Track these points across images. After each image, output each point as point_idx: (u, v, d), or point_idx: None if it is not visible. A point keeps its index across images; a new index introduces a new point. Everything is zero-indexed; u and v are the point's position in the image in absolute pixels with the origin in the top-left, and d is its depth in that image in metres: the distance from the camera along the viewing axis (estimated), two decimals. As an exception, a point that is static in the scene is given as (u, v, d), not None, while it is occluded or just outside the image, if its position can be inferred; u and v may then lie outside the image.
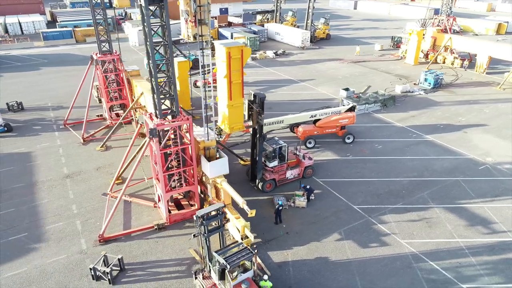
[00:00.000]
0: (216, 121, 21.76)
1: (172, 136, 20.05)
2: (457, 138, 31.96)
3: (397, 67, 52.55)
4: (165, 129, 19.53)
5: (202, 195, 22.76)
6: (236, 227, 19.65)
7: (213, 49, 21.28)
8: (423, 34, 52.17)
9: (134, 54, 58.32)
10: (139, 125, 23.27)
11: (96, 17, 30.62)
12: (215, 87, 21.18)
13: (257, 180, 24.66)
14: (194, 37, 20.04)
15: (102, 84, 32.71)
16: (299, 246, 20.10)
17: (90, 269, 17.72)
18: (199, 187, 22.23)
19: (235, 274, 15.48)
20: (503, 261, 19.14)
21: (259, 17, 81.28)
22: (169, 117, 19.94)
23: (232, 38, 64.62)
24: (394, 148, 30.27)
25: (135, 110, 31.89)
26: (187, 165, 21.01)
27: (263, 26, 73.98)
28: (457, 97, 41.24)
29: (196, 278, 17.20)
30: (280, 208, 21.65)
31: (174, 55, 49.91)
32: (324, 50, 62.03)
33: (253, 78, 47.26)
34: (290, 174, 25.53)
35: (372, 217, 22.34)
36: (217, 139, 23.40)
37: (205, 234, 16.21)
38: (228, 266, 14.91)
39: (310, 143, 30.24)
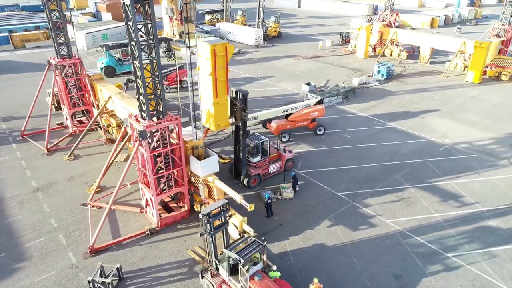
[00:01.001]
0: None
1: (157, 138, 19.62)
2: (416, 123, 34.47)
3: (350, 61, 55.21)
4: (153, 130, 19.07)
5: (188, 196, 22.47)
6: (233, 224, 19.76)
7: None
8: (371, 29, 55.27)
9: (83, 59, 55.29)
10: (122, 129, 22.36)
11: (53, 19, 28.84)
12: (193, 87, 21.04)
13: (242, 177, 24.83)
14: (180, 35, 19.67)
15: (63, 91, 30.86)
16: (295, 236, 20.66)
17: (89, 281, 16.84)
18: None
19: (246, 267, 15.62)
20: (477, 229, 21.16)
21: (208, 17, 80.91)
22: (154, 118, 19.46)
23: (185, 38, 63.80)
24: (362, 136, 31.95)
25: (101, 116, 30.54)
26: (177, 166, 20.68)
27: (214, 25, 73.78)
28: (408, 86, 44.35)
29: (203, 277, 17.09)
30: (269, 201, 22.04)
31: (129, 57, 48.46)
32: (278, 48, 63.35)
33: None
34: (272, 168, 26.02)
35: (356, 202, 23.52)
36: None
37: (211, 232, 16.18)
38: (242, 260, 15.04)
39: (284, 137, 30.96)
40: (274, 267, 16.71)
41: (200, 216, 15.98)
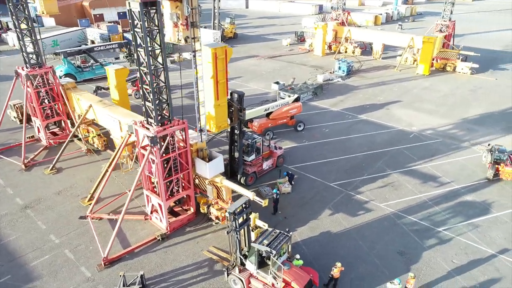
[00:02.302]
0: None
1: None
2: (383, 114, 37.27)
3: (309, 59, 57.61)
4: (163, 135, 19.16)
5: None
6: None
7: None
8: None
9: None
10: (126, 137, 21.97)
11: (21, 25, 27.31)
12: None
13: (238, 176, 25.47)
14: (185, 40, 19.86)
15: (35, 102, 29.29)
16: (302, 227, 21.80)
17: (115, 292, 16.69)
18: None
19: (276, 258, 16.42)
20: (457, 204, 23.79)
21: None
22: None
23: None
24: (339, 129, 33.96)
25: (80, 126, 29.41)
26: (183, 169, 20.88)
27: (168, 28, 72.71)
28: (368, 80, 47.48)
29: (228, 274, 17.62)
30: (278, 196, 22.95)
31: (90, 63, 46.75)
32: (237, 49, 64.11)
33: (188, 79, 46.79)
34: (266, 165, 26.94)
35: (349, 190, 25.24)
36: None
37: (237, 229, 16.80)
38: (274, 252, 15.86)
39: (268, 135, 31.97)
40: (298, 256, 17.71)
41: (227, 214, 16.52)
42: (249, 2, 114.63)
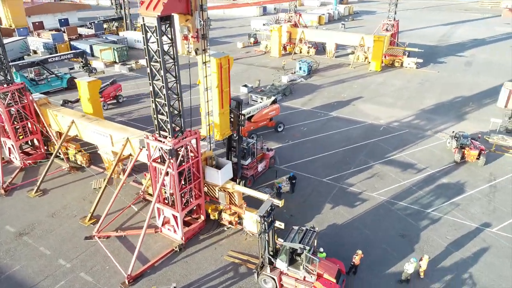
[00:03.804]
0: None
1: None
2: (352, 110, 39.93)
3: (267, 60, 59.25)
4: (178, 147, 19.30)
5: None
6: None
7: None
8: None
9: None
10: (137, 153, 21.53)
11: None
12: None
13: (237, 180, 26.05)
14: (196, 52, 19.95)
15: (7, 121, 27.35)
16: (309, 222, 23.08)
17: (153, 307, 16.65)
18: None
19: (305, 254, 17.48)
20: (437, 187, 26.65)
21: (104, 25, 76.28)
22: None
23: (92, 51, 59.85)
24: (316, 127, 35.86)
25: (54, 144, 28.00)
26: (195, 179, 21.13)
27: (117, 34, 70.28)
28: (328, 79, 50.22)
29: (258, 275, 18.36)
30: (281, 190, 24.33)
31: (44, 76, 44.09)
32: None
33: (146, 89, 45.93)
34: (260, 167, 27.87)
35: (341, 184, 27.07)
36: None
37: (266, 230, 17.63)
38: (307, 247, 16.94)
39: (253, 138, 32.82)
40: (321, 249, 18.97)
41: (259, 217, 17.27)
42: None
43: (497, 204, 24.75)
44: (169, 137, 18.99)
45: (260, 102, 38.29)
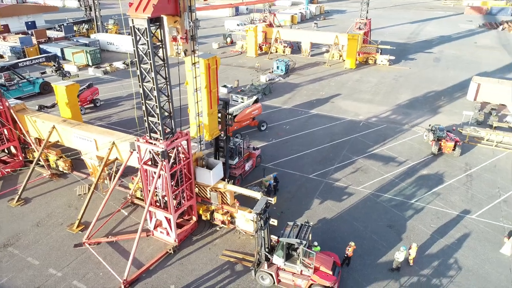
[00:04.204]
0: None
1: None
2: (331, 107, 40.81)
3: (244, 60, 59.48)
4: (171, 148, 19.23)
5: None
6: (253, 220, 21.43)
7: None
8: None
9: None
10: (127, 157, 21.17)
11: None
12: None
13: (226, 179, 26.15)
14: (185, 53, 19.86)
15: (-17, 129, 26.29)
16: (300, 218, 23.51)
17: (153, 310, 16.55)
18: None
19: (301, 248, 17.86)
20: (418, 178, 27.76)
21: (73, 28, 74.22)
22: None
23: (63, 54, 58.10)
24: (298, 125, 36.44)
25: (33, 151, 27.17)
26: (187, 180, 21.10)
27: (88, 37, 68.51)
28: (306, 77, 51.04)
29: (256, 272, 18.60)
30: (271, 189, 24.68)
31: (15, 81, 42.57)
32: (169, 54, 63.17)
33: (129, 90, 45.26)
34: (247, 166, 28.08)
35: (327, 179, 27.71)
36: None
37: (263, 227, 17.90)
38: (304, 242, 17.34)
39: (237, 137, 33.01)
40: (315, 243, 19.41)
41: (255, 215, 17.50)
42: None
43: (474, 192, 26.08)
44: (161, 139, 18.89)
45: (241, 102, 38.51)
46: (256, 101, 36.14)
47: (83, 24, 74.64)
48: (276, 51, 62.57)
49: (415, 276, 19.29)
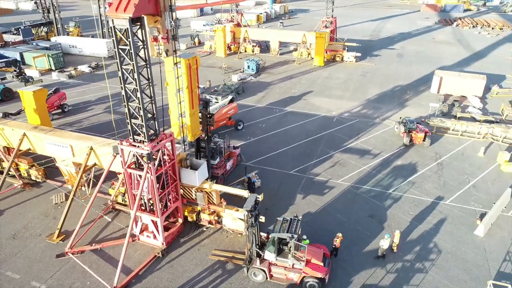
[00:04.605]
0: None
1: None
2: (304, 104, 41.57)
3: (214, 60, 59.24)
4: (155, 150, 18.96)
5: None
6: (240, 219, 21.57)
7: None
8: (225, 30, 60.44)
9: None
10: (111, 160, 20.53)
11: None
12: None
13: (208, 180, 26.08)
14: (166, 53, 19.51)
15: None
16: (285, 213, 23.88)
17: (148, 315, 16.29)
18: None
19: (292, 242, 18.18)
20: (393, 169, 28.91)
21: (32, 31, 70.85)
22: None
23: (22, 58, 55.38)
24: (274, 123, 36.84)
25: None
26: (172, 182, 20.87)
27: (49, 40, 65.69)
28: (277, 76, 51.62)
29: (248, 270, 18.74)
30: (254, 186, 24.96)
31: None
32: (136, 56, 61.75)
33: (98, 94, 43.91)
34: (228, 165, 28.11)
35: (307, 174, 28.27)
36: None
37: (254, 224, 18.08)
38: (295, 236, 17.67)
39: (215, 137, 32.91)
40: (304, 236, 19.76)
41: (245, 212, 17.63)
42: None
43: (446, 179, 27.53)
44: (145, 141, 18.58)
45: (216, 102, 38.38)
46: (231, 101, 36.20)
47: (42, 27, 71.49)
48: (245, 51, 62.80)
49: (400, 262, 20.17)
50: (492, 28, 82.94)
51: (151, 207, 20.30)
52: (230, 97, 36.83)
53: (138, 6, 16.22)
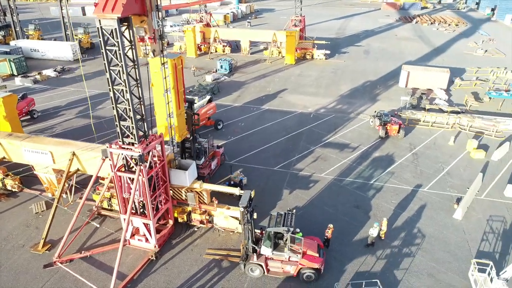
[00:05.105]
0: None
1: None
2: (280, 102, 42.15)
3: (185, 61, 58.48)
4: (146, 152, 18.71)
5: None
6: (232, 216, 21.72)
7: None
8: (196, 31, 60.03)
9: None
10: (100, 164, 19.91)
11: None
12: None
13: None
14: (153, 53, 19.17)
15: None
16: (273, 208, 24.21)
17: (150, 318, 16.10)
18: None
19: (287, 236, 18.56)
20: (372, 160, 30.02)
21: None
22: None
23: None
24: (252, 121, 37.13)
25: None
26: (163, 183, 20.66)
27: (8, 44, 62.43)
28: (250, 75, 51.92)
29: (245, 266, 18.93)
30: (242, 184, 25.11)
31: None
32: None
33: (67, 99, 42.35)
34: (213, 165, 28.10)
35: (292, 170, 28.79)
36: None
37: (250, 220, 18.31)
38: (291, 229, 18.05)
39: (198, 137, 32.77)
40: (298, 229, 20.16)
41: (242, 209, 17.81)
42: (85, 9, 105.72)
43: (422, 168, 28.94)
44: (136, 143, 18.31)
45: (195, 102, 38.05)
46: (210, 101, 36.13)
47: (-1, 30, 67.86)
48: (216, 51, 62.65)
49: (388, 248, 21.06)
50: (449, 25, 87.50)
51: (142, 209, 20.01)
52: (208, 97, 36.73)
53: (126, 6, 15.97)
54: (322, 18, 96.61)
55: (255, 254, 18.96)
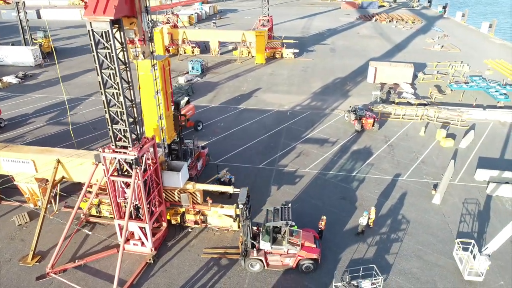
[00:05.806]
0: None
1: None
2: (256, 101, 42.67)
3: (154, 64, 57.63)
4: (141, 155, 18.56)
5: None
6: (226, 215, 21.98)
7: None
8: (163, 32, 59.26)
9: None
10: (93, 170, 19.34)
11: None
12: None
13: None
14: (143, 55, 18.90)
15: None
16: (264, 205, 24.72)
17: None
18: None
19: (285, 229, 19.12)
20: (352, 154, 31.24)
21: None
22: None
23: None
24: (231, 121, 37.40)
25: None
26: (156, 185, 20.54)
27: (-40, 50, 58.59)
28: (223, 75, 52.05)
29: (245, 262, 19.27)
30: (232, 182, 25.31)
31: None
32: (69, 63, 57.95)
33: (34, 106, 40.54)
34: (199, 166, 28.13)
35: (276, 166, 29.40)
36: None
37: (248, 217, 18.68)
38: (289, 222, 18.60)
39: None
40: (293, 223, 20.71)
41: (241, 206, 18.13)
42: (40, 12, 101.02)
43: (398, 158, 30.52)
44: (130, 147, 18.13)
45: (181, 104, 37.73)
46: (188, 102, 35.91)
47: None
48: (185, 52, 62.15)
49: (377, 235, 22.16)
50: (406, 22, 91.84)
51: (137, 214, 19.81)
52: (186, 98, 36.43)
53: (117, 8, 15.82)
54: (286, 18, 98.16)
55: (254, 249, 19.34)
